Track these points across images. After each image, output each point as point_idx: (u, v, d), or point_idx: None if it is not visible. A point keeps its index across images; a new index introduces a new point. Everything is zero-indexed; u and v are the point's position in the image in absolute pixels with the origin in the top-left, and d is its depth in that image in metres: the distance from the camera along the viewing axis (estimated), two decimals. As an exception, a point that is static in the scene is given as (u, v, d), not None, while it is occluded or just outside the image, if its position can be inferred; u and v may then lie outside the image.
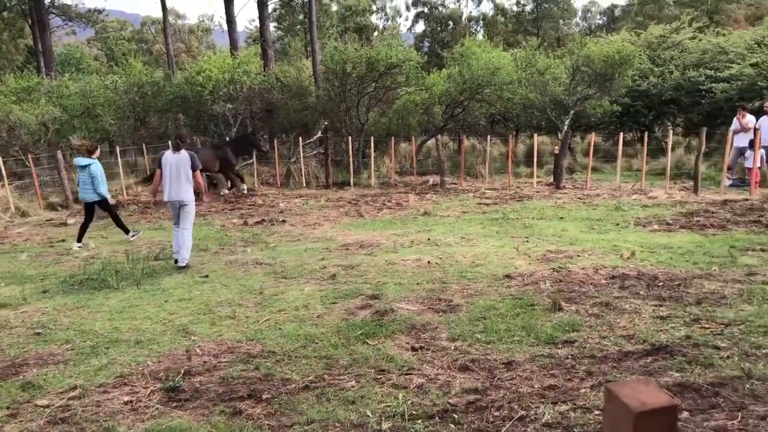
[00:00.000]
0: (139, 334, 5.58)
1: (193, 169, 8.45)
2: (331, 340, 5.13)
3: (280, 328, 5.52)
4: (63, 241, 10.83)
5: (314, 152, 18.88)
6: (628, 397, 0.86)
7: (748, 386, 3.91)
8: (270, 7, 25.45)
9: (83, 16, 37.01)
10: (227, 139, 17.05)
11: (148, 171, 17.43)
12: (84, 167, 10.16)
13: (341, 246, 9.19)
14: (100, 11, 38.53)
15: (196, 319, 5.94)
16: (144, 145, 17.94)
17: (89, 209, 10.44)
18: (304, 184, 17.24)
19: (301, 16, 37.46)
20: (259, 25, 24.90)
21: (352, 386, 4.24)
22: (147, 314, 6.17)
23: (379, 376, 4.39)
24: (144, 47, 56.98)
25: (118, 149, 17.07)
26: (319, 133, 18.19)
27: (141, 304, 6.54)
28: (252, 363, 4.76)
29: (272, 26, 35.62)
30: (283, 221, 11.82)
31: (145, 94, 20.36)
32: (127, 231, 10.80)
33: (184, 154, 8.45)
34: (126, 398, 4.26)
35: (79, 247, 10.08)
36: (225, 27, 24.22)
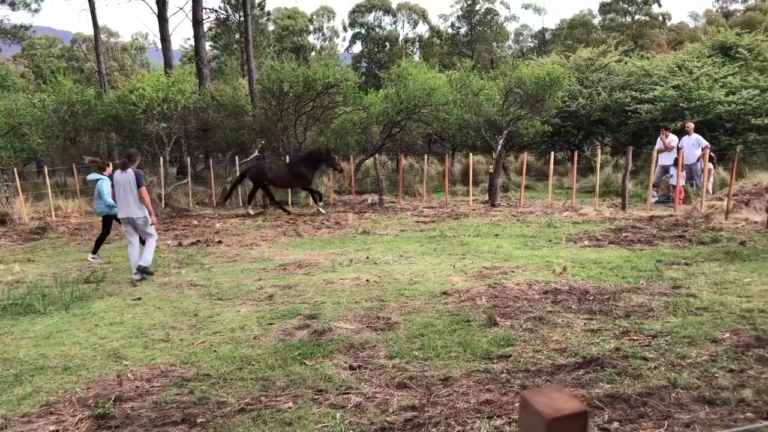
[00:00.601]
0: (68, 360, 5.38)
1: (138, 186, 8.71)
2: (267, 362, 5.07)
3: (215, 351, 5.42)
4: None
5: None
6: (541, 405, 0.89)
7: (673, 395, 4.06)
8: (206, 26, 25.21)
9: (8, 32, 35.78)
10: (300, 154, 16.71)
11: (78, 191, 16.89)
12: (96, 183, 10.65)
13: (279, 266, 9.12)
14: (26, 27, 37.35)
15: (128, 342, 5.77)
16: (74, 165, 17.40)
17: (105, 223, 10.72)
18: (241, 204, 17.03)
19: (237, 35, 37.21)
20: (194, 44, 24.60)
21: (289, 407, 4.20)
22: (76, 339, 5.95)
23: (316, 396, 4.36)
24: (75, 65, 55.44)
25: (46, 169, 16.49)
26: (256, 152, 18.04)
27: (70, 329, 6.31)
28: (186, 387, 4.66)
29: (208, 45, 35.26)
30: (219, 242, 11.64)
31: (76, 112, 19.78)
32: (95, 251, 10.59)
33: (130, 172, 8.75)
34: (52, 428, 4.09)
35: (93, 258, 10.33)
36: (159, 45, 23.83)
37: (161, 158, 17.79)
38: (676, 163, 13.71)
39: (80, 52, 56.70)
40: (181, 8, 34.82)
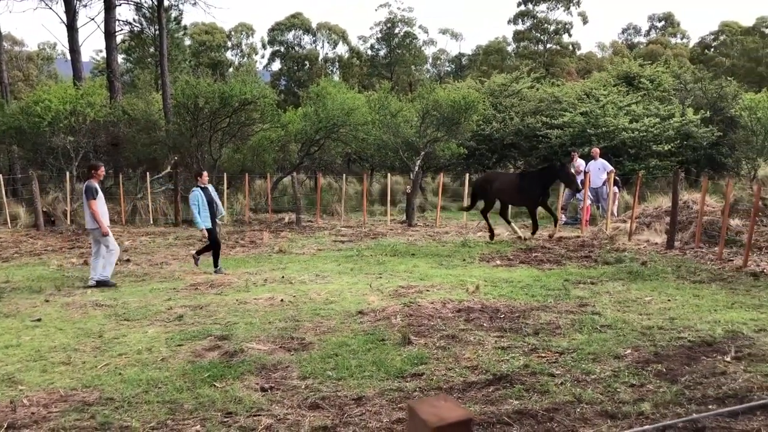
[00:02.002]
0: (-45, 386, 5.01)
1: (86, 198, 9.13)
2: (175, 384, 4.89)
3: (120, 373, 5.19)
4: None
5: (163, 188, 18.19)
6: (426, 413, 0.90)
7: (578, 410, 4.19)
8: (119, 38, 24.44)
9: None
10: (533, 168, 14.69)
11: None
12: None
13: (190, 286, 8.86)
14: None
15: (25, 366, 5.44)
16: (-30, 178, 16.40)
17: (208, 236, 10.35)
18: (152, 222, 16.50)
19: (152, 49, 36.30)
20: (106, 56, 23.79)
21: (197, 431, 4.06)
22: (-35, 364, 5.56)
23: (226, 419, 4.24)
24: (-26, 73, 52.44)
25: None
26: (169, 168, 17.57)
27: (-41, 353, 5.89)
28: (87, 411, 4.42)
29: (121, 58, 34.22)
30: (128, 260, 11.22)
31: (-27, 123, 18.68)
32: (215, 264, 10.23)
33: (84, 185, 9.39)
34: (-66, 460, 3.79)
35: (216, 271, 10.02)
36: (68, 56, 22.91)
37: (67, 173, 17.03)
38: (582, 186, 14.30)
39: (-19, 60, 53.73)
40: (93, 19, 33.60)
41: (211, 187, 10.15)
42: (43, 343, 6.12)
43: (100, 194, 9.35)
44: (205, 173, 10.22)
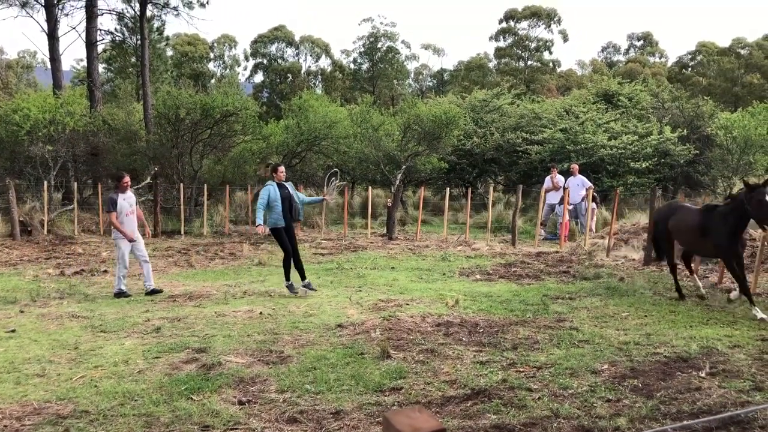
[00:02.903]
0: (-75, 398, 4.92)
1: (106, 210, 9.64)
2: (152, 397, 4.85)
3: (95, 386, 5.13)
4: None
5: (142, 199, 18.04)
6: (401, 424, 0.92)
7: (555, 425, 4.21)
8: (100, 48, 24.29)
9: None
10: (723, 201, 8.17)
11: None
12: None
13: (168, 297, 8.79)
14: None
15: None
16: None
17: (276, 239, 9.43)
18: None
19: (133, 59, 36.13)
20: (86, 65, 23.62)
21: (173, 445, 4.03)
22: (-63, 376, 5.46)
23: (202, 433, 4.21)
24: (-49, 80, 51.81)
25: None
26: (149, 179, 17.45)
27: (-70, 365, 5.78)
28: (61, 424, 4.37)
29: (102, 67, 34.02)
30: (105, 271, 11.10)
31: (-51, 131, 18.42)
32: (287, 278, 9.10)
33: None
34: None
35: (289, 287, 9.03)
36: (48, 65, 22.72)
37: (45, 182, 16.85)
38: (562, 202, 14.44)
39: (-41, 67, 53.12)
40: (74, 28, 33.53)
41: (290, 185, 9.07)
42: (17, 355, 6.03)
43: (124, 204, 9.25)
44: (281, 168, 9.07)
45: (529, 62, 56.89)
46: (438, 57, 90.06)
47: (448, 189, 16.86)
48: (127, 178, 9.45)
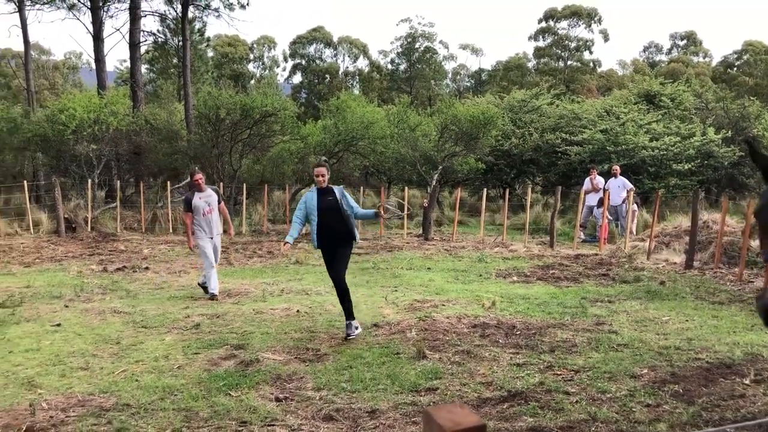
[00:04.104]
0: (-24, 388, 5.10)
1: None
2: (191, 392, 4.94)
3: (137, 380, 5.25)
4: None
5: (183, 197, 18.34)
6: (442, 419, 0.93)
7: (593, 429, 4.17)
8: (143, 49, 24.80)
9: (-69, 44, 34.24)
10: None
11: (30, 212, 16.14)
12: None
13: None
14: (-49, 40, 35.85)
15: (45, 370, 5.52)
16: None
17: None
18: (171, 230, 16.65)
19: (175, 60, 36.76)
20: (130, 66, 24.14)
21: (212, 439, 4.09)
22: (-14, 367, 5.65)
23: (240, 428, 4.27)
24: (2, 81, 53.44)
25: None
26: (189, 178, 17.73)
27: (-20, 356, 5.98)
28: (104, 417, 4.48)
29: (144, 68, 34.65)
30: (147, 268, 11.33)
31: (0, 130, 19.01)
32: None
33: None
34: (-46, 460, 3.86)
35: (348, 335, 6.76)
36: (93, 66, 23.29)
37: (89, 181, 17.26)
38: (601, 203, 14.23)
39: (8, 68, 54.74)
40: (118, 29, 34.02)
41: (339, 190, 6.96)
42: (62, 348, 6.20)
43: (200, 203, 8.79)
44: (321, 169, 7.01)
45: (569, 62, 56.16)
46: (476, 57, 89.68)
47: (485, 190, 16.74)
48: (198, 175, 8.97)
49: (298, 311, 7.72)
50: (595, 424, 4.23)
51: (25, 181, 17.05)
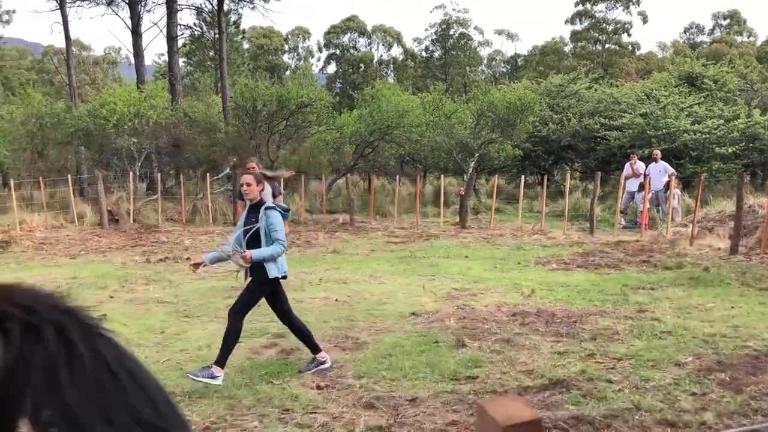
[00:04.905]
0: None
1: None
2: (234, 380, 5.02)
3: (181, 368, 5.36)
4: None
5: (222, 189, 18.60)
6: (496, 413, 0.92)
7: (637, 417, 4.11)
8: (180, 42, 25.13)
9: (-22, 43, 35.23)
10: None
11: (45, 205, 16.58)
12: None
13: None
14: (-3, 38, 36.83)
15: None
16: (41, 178, 17.11)
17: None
18: (211, 221, 16.89)
19: (211, 53, 37.17)
20: (168, 60, 24.49)
21: (255, 427, 4.16)
22: (37, 356, 5.82)
23: (283, 416, 4.33)
24: (45, 77, 54.71)
25: (12, 182, 16.20)
26: (228, 169, 17.95)
27: (31, 346, 6.16)
28: (150, 405, 4.58)
29: (182, 61, 35.10)
30: (188, 258, 11.50)
31: (44, 125, 19.48)
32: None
33: None
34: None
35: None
36: (132, 60, 23.68)
37: (131, 173, 17.60)
38: (642, 189, 13.97)
39: (51, 64, 56.01)
40: (156, 24, 34.74)
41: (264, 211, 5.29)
42: (108, 338, 6.34)
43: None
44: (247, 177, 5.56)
45: (607, 45, 55.08)
46: (511, 42, 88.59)
47: (522, 177, 16.59)
48: (251, 164, 8.24)
49: (336, 300, 7.77)
50: (639, 412, 4.18)
51: (69, 175, 17.46)
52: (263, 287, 5.29)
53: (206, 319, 7.06)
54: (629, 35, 55.30)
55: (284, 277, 5.33)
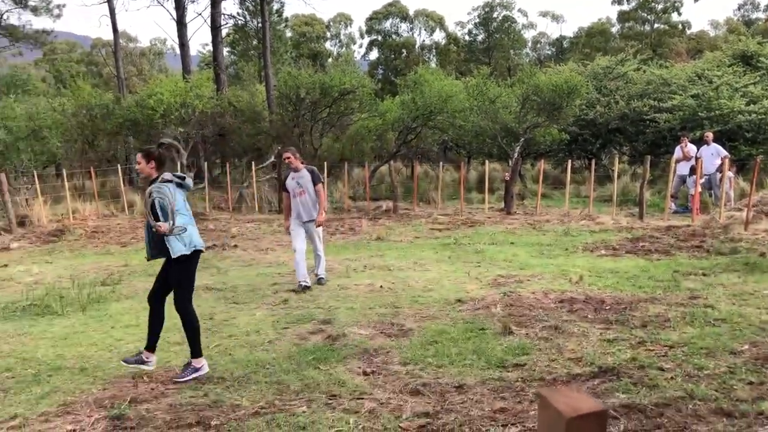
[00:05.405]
0: (84, 361, 5.42)
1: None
2: (282, 366, 5.08)
3: (230, 354, 5.44)
4: (5, 266, 10.45)
5: (267, 177, 18.80)
6: (560, 404, 0.89)
7: (691, 406, 4.01)
8: (224, 32, 25.40)
9: (31, 37, 36.20)
10: None
11: (96, 194, 17.02)
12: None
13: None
14: (48, 32, 37.79)
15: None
16: (92, 168, 17.57)
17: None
18: (257, 209, 17.11)
19: (255, 42, 37.49)
20: (212, 50, 24.79)
21: (303, 411, 4.20)
22: (93, 341, 6.00)
23: (330, 401, 4.36)
24: (94, 70, 56.04)
25: (65, 172, 16.67)
26: (272, 158, 18.12)
27: (86, 331, 6.36)
28: (201, 389, 4.67)
29: (226, 51, 35.53)
30: (235, 246, 11.69)
31: (94, 116, 19.98)
32: None
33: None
34: (69, 427, 4.12)
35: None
36: (177, 51, 24.05)
37: (178, 163, 17.92)
38: (693, 172, 13.59)
39: (99, 56, 57.30)
40: (200, 14, 35.17)
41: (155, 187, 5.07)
42: (159, 324, 6.49)
43: (291, 184, 8.24)
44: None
45: (656, 25, 53.60)
46: (556, 24, 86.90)
47: (569, 161, 16.30)
48: (286, 154, 8.26)
49: (381, 287, 7.79)
50: (692, 401, 4.07)
51: (118, 165, 17.89)
52: (178, 265, 5.01)
53: (253, 305, 7.15)
54: (679, 14, 53.75)
55: (198, 252, 5.08)
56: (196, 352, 5.04)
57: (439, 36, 58.57)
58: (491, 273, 8.45)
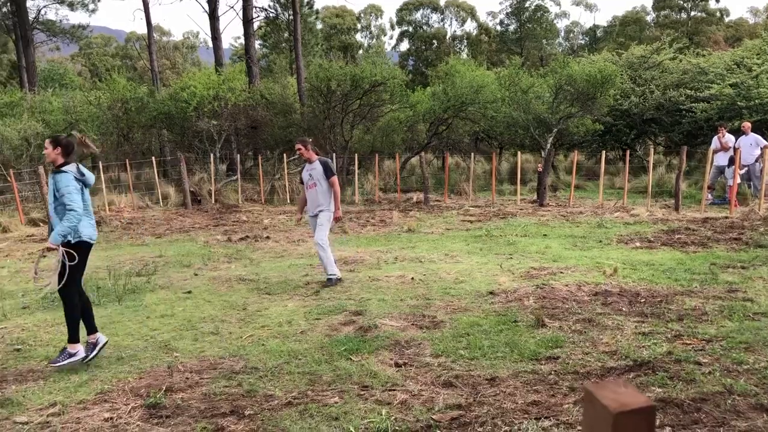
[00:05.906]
0: (121, 350, 5.52)
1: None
2: (314, 356, 5.11)
3: (263, 344, 5.49)
4: (44, 256, 10.66)
5: (299, 169, 18.89)
6: (606, 399, 0.87)
7: (729, 402, 3.93)
8: (255, 25, 25.53)
9: (67, 32, 36.93)
10: None
11: (131, 186, 17.30)
12: None
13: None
14: (84, 27, 38.51)
15: (179, 335, 5.89)
16: (127, 160, 17.85)
17: None
18: (289, 201, 17.21)
19: (286, 34, 37.65)
20: (244, 42, 24.95)
21: (336, 402, 4.22)
22: (128, 330, 6.11)
23: (362, 392, 4.37)
24: (128, 63, 56.88)
25: (101, 165, 16.97)
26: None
27: (122, 320, 6.47)
28: (235, 379, 4.72)
29: (257, 43, 35.73)
30: (267, 237, 11.78)
31: (129, 110, 20.30)
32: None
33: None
34: (106, 415, 4.20)
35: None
36: (210, 44, 24.27)
37: (212, 155, 18.11)
38: (732, 163, 13.29)
39: (134, 50, 58.14)
40: (232, 7, 35.46)
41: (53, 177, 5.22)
42: (193, 314, 6.59)
43: (304, 176, 8.09)
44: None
45: (692, 13, 52.47)
46: (590, 13, 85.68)
47: (603, 152, 16.06)
48: (297, 145, 8.10)
49: (412, 278, 7.78)
50: (731, 396, 4.00)
51: (153, 157, 18.15)
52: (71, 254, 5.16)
53: (286, 296, 7.21)
54: (717, 1, 52.52)
55: (87, 244, 5.28)
56: (73, 337, 5.20)
57: (470, 26, 58.16)
58: (523, 265, 8.38)
